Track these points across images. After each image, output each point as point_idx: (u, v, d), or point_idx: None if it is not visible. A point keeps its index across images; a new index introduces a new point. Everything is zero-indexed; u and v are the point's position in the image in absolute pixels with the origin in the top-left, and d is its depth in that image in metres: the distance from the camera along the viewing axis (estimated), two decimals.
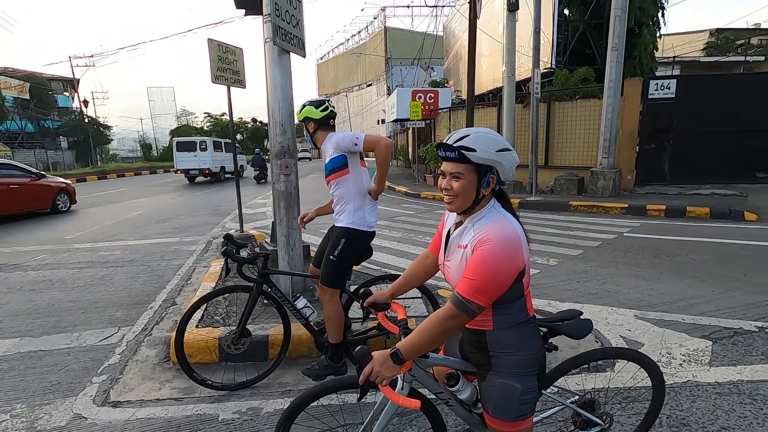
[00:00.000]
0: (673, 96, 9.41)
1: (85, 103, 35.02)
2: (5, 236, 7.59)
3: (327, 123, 2.65)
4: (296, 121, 2.64)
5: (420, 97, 15.86)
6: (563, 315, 1.53)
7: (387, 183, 15.05)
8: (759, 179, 9.40)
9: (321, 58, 62.60)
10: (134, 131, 50.22)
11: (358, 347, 1.23)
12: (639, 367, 1.72)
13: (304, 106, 2.66)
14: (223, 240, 2.63)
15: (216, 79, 5.72)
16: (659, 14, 12.81)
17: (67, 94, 37.77)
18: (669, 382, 2.53)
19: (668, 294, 4.01)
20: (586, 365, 1.66)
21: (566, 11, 13.30)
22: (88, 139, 33.84)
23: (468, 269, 1.21)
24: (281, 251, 3.56)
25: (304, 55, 3.72)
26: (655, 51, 13.39)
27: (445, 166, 1.28)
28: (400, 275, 2.83)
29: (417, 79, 32.69)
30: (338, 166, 2.56)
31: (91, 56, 32.13)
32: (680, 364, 2.78)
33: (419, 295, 2.96)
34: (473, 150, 1.21)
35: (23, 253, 6.30)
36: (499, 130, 11.38)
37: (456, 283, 1.28)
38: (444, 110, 15.51)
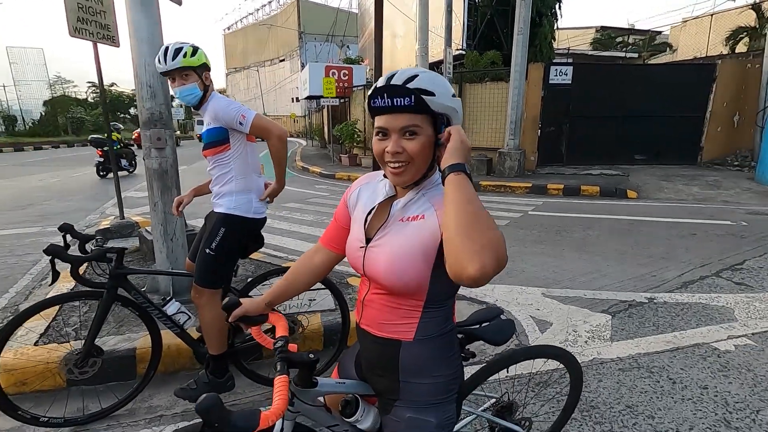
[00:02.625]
0: (570, 82, 10.07)
1: None
2: None
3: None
4: (175, 66, 1.92)
5: (334, 74, 15.20)
6: (481, 316, 1.28)
7: (301, 163, 14.32)
8: (637, 161, 10.55)
9: (228, 28, 57.91)
10: None
11: (203, 397, 0.83)
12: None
13: (195, 49, 1.99)
14: (59, 231, 1.97)
15: (75, 32, 4.63)
16: (557, 6, 13.64)
17: None
18: None
19: (570, 270, 4.16)
20: (506, 368, 1.43)
21: None
22: None
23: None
24: (158, 243, 2.95)
25: (179, 2, 3.04)
26: (553, 41, 14.30)
27: (390, 121, 0.90)
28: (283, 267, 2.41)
29: (332, 56, 31.61)
30: (216, 140, 2.03)
31: None
32: (585, 342, 2.81)
33: (322, 287, 2.57)
34: (432, 94, 0.87)
35: None
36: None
37: (392, 268, 0.94)
38: (359, 88, 15.08)
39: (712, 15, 20.38)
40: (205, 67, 2.03)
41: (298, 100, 36.43)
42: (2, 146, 23.48)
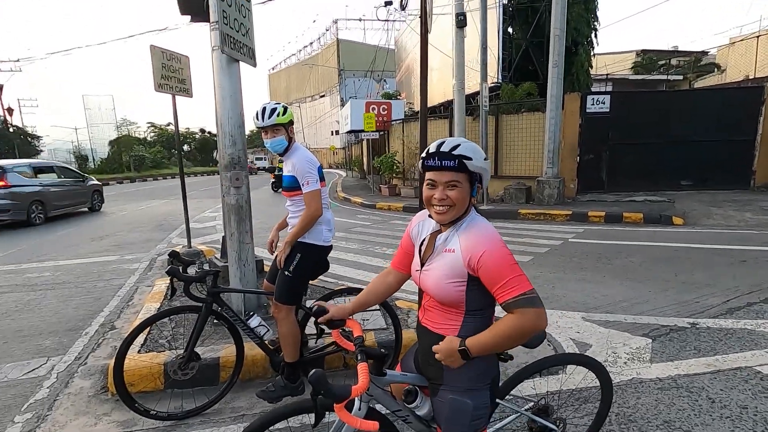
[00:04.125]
0: (608, 110, 10.15)
1: (10, 111, 32.14)
2: None
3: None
4: (270, 123, 2.43)
5: (373, 109, 16.01)
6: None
7: (342, 194, 15.00)
8: (683, 186, 10.30)
9: (273, 68, 61.81)
10: (68, 142, 46.63)
11: (313, 371, 1.17)
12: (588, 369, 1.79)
13: (285, 108, 2.50)
14: (168, 257, 2.46)
15: (159, 87, 5.44)
16: (592, 35, 13.86)
17: None
18: (616, 381, 2.66)
19: (611, 296, 4.25)
20: (539, 372, 1.69)
21: (510, 30, 14.05)
22: (14, 150, 30.98)
23: (495, 279, 1.20)
24: (233, 267, 3.40)
25: (254, 65, 3.62)
26: (590, 68, 14.44)
27: (438, 176, 1.26)
28: (357, 288, 2.78)
29: (370, 91, 33.01)
30: (293, 186, 2.51)
31: (17, 60, 29.63)
32: (625, 363, 2.94)
33: (377, 308, 2.92)
34: (470, 158, 1.23)
35: None
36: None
37: (437, 290, 1.29)
38: (397, 122, 15.75)
39: (758, 36, 19.75)
40: (291, 123, 2.53)
41: (337, 133, 38.02)
42: None
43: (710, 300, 4.02)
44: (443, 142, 1.26)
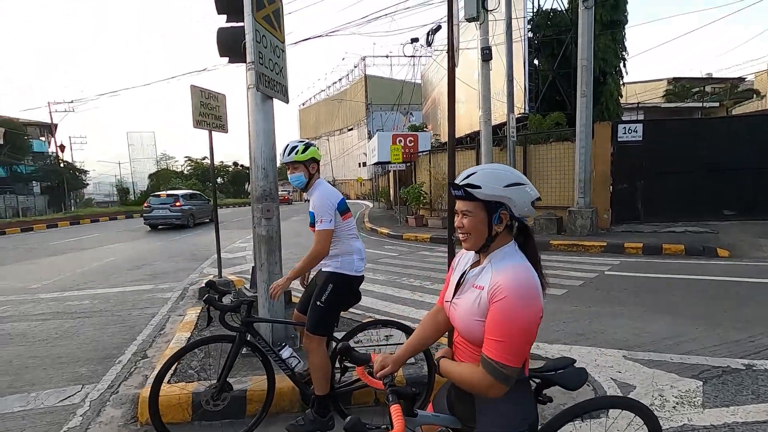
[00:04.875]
0: (641, 139, 9.91)
1: (62, 148, 34.50)
2: None
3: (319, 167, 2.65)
4: (290, 160, 2.52)
5: (400, 141, 16.27)
6: (556, 364, 1.47)
7: (369, 224, 15.08)
8: (726, 216, 9.79)
9: (303, 104, 64.29)
10: (112, 175, 49.53)
11: (349, 418, 1.13)
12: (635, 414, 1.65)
13: (307, 146, 2.57)
14: (204, 287, 2.52)
15: (198, 124, 5.73)
16: (621, 64, 13.77)
17: (43, 139, 37.32)
18: (665, 427, 2.46)
19: (654, 333, 4.00)
20: (580, 416, 1.57)
21: (536, 61, 14.18)
22: (63, 183, 33.12)
23: (491, 328, 1.15)
24: (262, 298, 3.43)
25: (287, 101, 3.77)
26: (620, 97, 14.27)
27: (457, 205, 1.27)
28: (385, 320, 2.74)
29: (397, 124, 33.74)
30: (315, 222, 2.54)
31: (71, 102, 32.10)
32: (674, 407, 2.72)
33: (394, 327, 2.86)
34: (478, 187, 1.20)
35: None
36: None
37: (463, 325, 1.24)
38: (424, 153, 15.91)
39: None
40: (313, 160, 2.58)
41: (365, 164, 38.72)
42: (117, 214, 27.36)
43: (766, 340, 3.71)
44: (463, 173, 1.26)
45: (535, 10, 14.03)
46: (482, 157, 10.59)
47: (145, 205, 16.81)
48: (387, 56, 43.81)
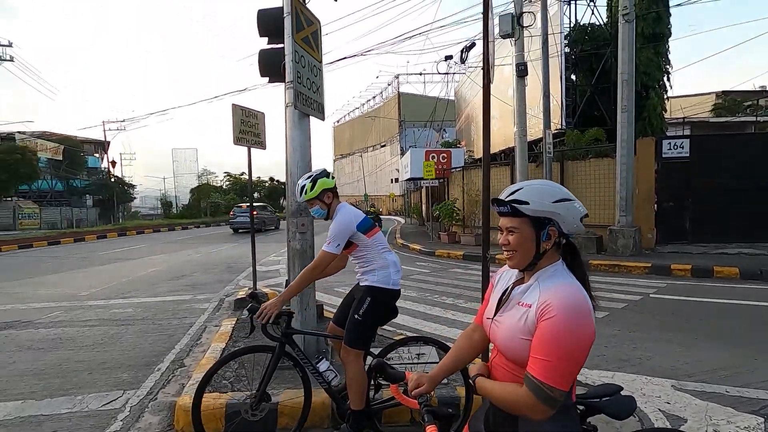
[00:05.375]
0: (687, 155, 9.43)
1: (113, 163, 36.89)
2: (23, 291, 7.65)
3: (336, 191, 2.69)
4: (302, 200, 2.63)
5: (433, 157, 16.26)
6: (602, 390, 1.39)
7: (401, 240, 15.06)
8: None
9: (337, 121, 65.77)
10: (156, 190, 52.24)
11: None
12: None
13: (315, 181, 2.55)
14: (241, 298, 2.59)
15: (238, 141, 5.96)
16: (664, 78, 13.28)
17: (97, 155, 39.95)
18: None
19: (707, 362, 3.72)
20: None
21: (573, 77, 13.91)
22: (113, 197, 35.21)
23: (537, 347, 1.09)
24: (295, 311, 3.47)
25: (323, 119, 3.87)
26: (663, 112, 13.71)
27: (502, 221, 1.23)
28: (423, 337, 2.70)
29: (430, 140, 33.79)
30: (344, 245, 2.56)
31: (123, 120, 34.38)
32: None
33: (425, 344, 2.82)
34: (526, 203, 1.16)
35: (37, 309, 6.29)
36: None
37: (505, 343, 1.19)
38: (457, 169, 15.81)
39: None
40: (325, 191, 2.58)
41: (397, 180, 38.91)
42: (160, 226, 28.73)
43: None
44: (508, 188, 1.23)
45: (572, 25, 13.83)
46: (517, 173, 10.42)
47: (231, 213, 22.92)
48: (420, 74, 44.25)
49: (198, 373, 3.41)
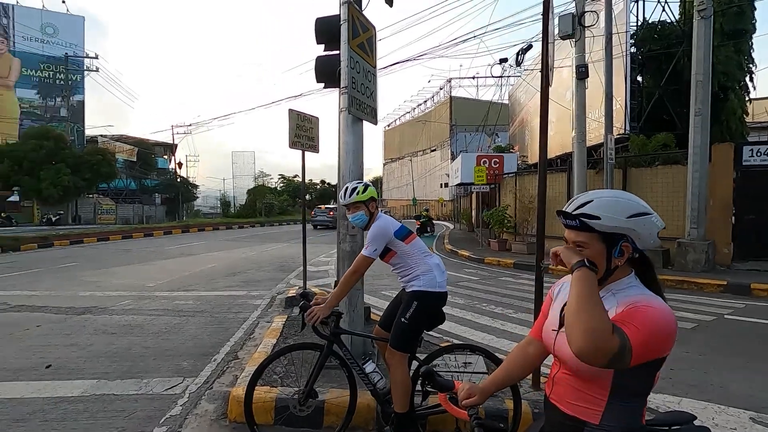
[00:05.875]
0: None
1: (180, 165, 39.65)
2: (101, 279, 8.41)
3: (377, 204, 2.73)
4: (351, 201, 2.62)
5: (485, 162, 15.92)
6: (673, 418, 1.27)
7: (449, 246, 14.86)
8: None
9: (388, 126, 66.33)
10: (217, 190, 55.52)
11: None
12: None
13: (366, 186, 2.64)
14: (292, 296, 2.69)
15: (293, 144, 6.18)
16: (746, 78, 12.12)
17: (166, 157, 43.14)
18: None
19: None
20: None
21: (639, 78, 13.06)
22: (178, 196, 37.86)
23: (628, 322, 1.02)
24: (343, 311, 3.52)
25: (375, 123, 3.92)
26: (744, 115, 12.51)
27: (567, 235, 1.15)
28: (471, 345, 2.64)
29: (481, 145, 33.17)
30: (382, 253, 2.58)
31: (190, 125, 36.83)
32: None
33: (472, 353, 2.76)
34: (597, 218, 1.08)
35: (112, 297, 6.88)
36: (569, 196, 10.94)
37: (573, 356, 1.08)
38: (509, 175, 15.36)
39: None
40: (372, 200, 2.64)
41: (446, 185, 38.52)
42: (219, 225, 30.46)
43: None
44: (575, 200, 1.15)
45: (639, 23, 13.00)
46: (574, 180, 9.94)
47: (312, 213, 26.13)
48: (474, 77, 43.39)
49: (251, 366, 3.56)
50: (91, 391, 3.39)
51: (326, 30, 3.73)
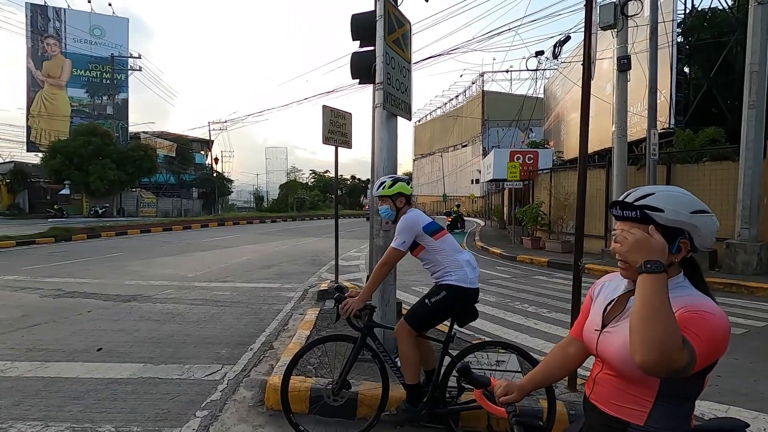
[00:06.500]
0: None
1: (216, 160, 40.98)
2: (144, 269, 8.85)
3: (410, 199, 2.75)
4: (377, 195, 2.70)
5: (518, 158, 15.57)
6: (723, 424, 1.22)
7: (480, 243, 14.66)
8: None
9: (419, 121, 65.90)
10: (250, 185, 57.01)
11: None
12: None
13: (395, 181, 2.69)
14: (333, 290, 2.77)
15: (326, 140, 6.26)
16: None
17: (203, 152, 44.67)
18: None
19: None
20: None
21: (686, 69, 12.39)
22: (214, 190, 39.17)
23: (686, 329, 0.97)
24: (376, 306, 3.56)
25: (410, 119, 3.92)
26: None
27: (620, 226, 1.11)
28: (497, 341, 2.60)
29: (514, 140, 32.42)
30: (411, 247, 2.60)
31: (225, 121, 38.00)
32: None
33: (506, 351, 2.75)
34: (660, 210, 1.05)
35: (155, 286, 7.23)
36: (608, 193, 10.54)
37: (621, 355, 1.07)
38: (544, 171, 14.96)
39: None
40: (400, 195, 2.67)
41: (477, 181, 37.96)
42: (253, 219, 31.34)
43: None
44: (634, 191, 1.12)
45: (687, 11, 12.32)
46: (614, 177, 9.57)
47: (366, 207, 26.62)
48: (507, 71, 42.40)
49: (286, 356, 3.67)
50: (138, 373, 3.59)
51: (362, 26, 3.75)
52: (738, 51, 10.63)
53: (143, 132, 38.94)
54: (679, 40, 11.91)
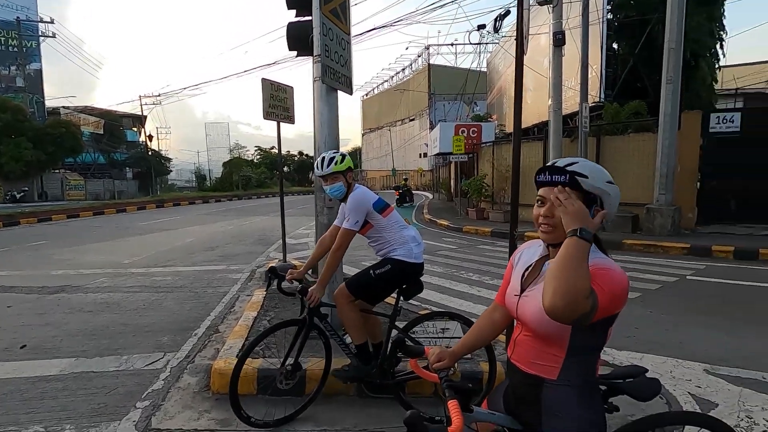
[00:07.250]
0: (738, 129, 8.83)
1: (150, 137, 38.12)
2: (73, 257, 8.19)
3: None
4: (329, 172, 2.59)
5: (463, 132, 15.90)
6: (626, 371, 1.37)
7: (428, 216, 15.01)
8: None
9: (366, 95, 64.93)
10: (191, 163, 53.95)
11: (408, 413, 1.15)
12: None
13: (344, 156, 2.63)
14: (267, 271, 2.71)
15: (267, 115, 6.02)
16: (717, 46, 12.32)
17: (135, 129, 41.37)
18: None
19: (744, 347, 3.59)
20: (651, 430, 1.46)
21: (615, 45, 13.10)
22: (151, 170, 36.63)
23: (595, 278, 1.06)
24: None
25: (351, 93, 3.84)
26: (714, 83, 12.79)
27: (547, 192, 1.17)
28: (448, 312, 2.72)
29: (460, 114, 32.97)
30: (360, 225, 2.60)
31: (159, 95, 35.24)
32: (764, 431, 2.43)
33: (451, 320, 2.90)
34: (585, 176, 1.13)
35: (86, 275, 6.73)
36: (544, 164, 11.10)
37: (537, 317, 1.16)
38: (487, 144, 15.43)
39: None
40: (349, 170, 2.65)
41: (425, 155, 38.41)
42: (195, 199, 29.79)
43: None
44: (559, 160, 1.19)
45: None
46: (550, 149, 10.08)
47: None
48: (452, 44, 42.83)
49: (232, 339, 3.59)
50: (69, 369, 3.37)
51: None
52: (659, 28, 11.37)
53: (63, 107, 35.19)
54: (609, 17, 12.52)
